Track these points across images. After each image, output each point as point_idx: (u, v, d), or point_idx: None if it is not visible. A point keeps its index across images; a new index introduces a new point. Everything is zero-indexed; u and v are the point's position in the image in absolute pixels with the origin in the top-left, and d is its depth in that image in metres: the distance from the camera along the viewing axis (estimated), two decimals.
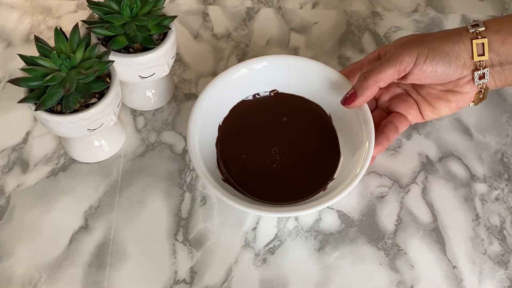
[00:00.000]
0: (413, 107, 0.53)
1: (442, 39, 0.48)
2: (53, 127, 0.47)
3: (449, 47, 0.47)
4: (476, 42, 0.47)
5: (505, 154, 0.57)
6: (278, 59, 0.55)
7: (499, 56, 0.47)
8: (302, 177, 0.52)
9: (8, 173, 0.54)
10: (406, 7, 0.71)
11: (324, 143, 0.54)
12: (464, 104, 0.51)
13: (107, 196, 0.53)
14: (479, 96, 0.50)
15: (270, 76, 0.55)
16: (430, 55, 0.47)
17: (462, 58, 0.47)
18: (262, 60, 0.55)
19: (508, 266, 0.50)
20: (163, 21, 0.51)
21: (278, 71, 0.55)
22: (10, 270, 0.48)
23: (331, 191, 0.48)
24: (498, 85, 0.49)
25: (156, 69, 0.52)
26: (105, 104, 0.47)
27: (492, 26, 0.47)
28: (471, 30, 0.47)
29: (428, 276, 0.49)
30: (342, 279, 0.49)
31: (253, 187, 0.51)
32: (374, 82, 0.48)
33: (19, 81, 0.45)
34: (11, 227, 0.50)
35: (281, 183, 0.52)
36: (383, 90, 0.54)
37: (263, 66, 0.55)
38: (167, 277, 0.48)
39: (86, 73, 0.45)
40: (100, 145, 0.54)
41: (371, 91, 0.49)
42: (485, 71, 0.47)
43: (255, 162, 0.53)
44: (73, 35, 0.47)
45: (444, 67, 0.47)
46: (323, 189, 0.50)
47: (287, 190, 0.51)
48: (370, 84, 0.48)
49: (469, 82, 0.49)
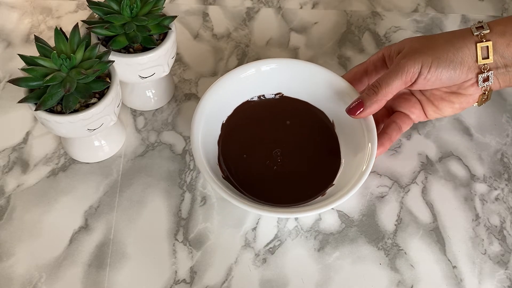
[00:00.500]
0: (416, 106, 0.53)
1: (445, 46, 0.47)
2: (53, 127, 0.47)
3: (453, 53, 0.47)
4: (481, 45, 0.46)
5: (505, 154, 0.57)
6: (286, 63, 0.55)
7: (504, 59, 0.47)
8: (302, 181, 0.52)
9: (8, 173, 0.54)
10: (406, 7, 0.71)
11: (326, 149, 0.54)
12: (467, 105, 0.51)
13: (107, 196, 0.53)
14: (482, 98, 0.50)
15: (277, 79, 0.56)
16: (434, 64, 0.46)
17: (466, 63, 0.47)
18: (271, 62, 0.55)
19: (508, 266, 0.50)
20: (163, 21, 0.51)
21: (285, 75, 0.55)
22: (10, 270, 0.48)
23: (333, 194, 0.48)
24: (502, 86, 0.49)
25: (156, 69, 0.52)
26: (105, 104, 0.47)
27: (497, 28, 0.47)
28: (475, 33, 0.47)
29: (428, 276, 0.49)
30: (342, 279, 0.49)
31: (253, 187, 0.51)
32: (383, 96, 0.48)
33: (19, 81, 0.45)
34: (11, 227, 0.50)
35: (280, 185, 0.52)
36: None
37: (270, 68, 0.55)
38: (167, 277, 0.48)
39: (86, 73, 0.45)
40: (100, 145, 0.54)
41: (379, 104, 0.49)
42: (489, 73, 0.47)
43: (256, 162, 0.53)
44: (73, 35, 0.47)
45: (448, 74, 0.47)
46: (321, 194, 0.51)
47: (286, 192, 0.51)
48: (379, 98, 0.48)
49: (473, 85, 0.49)
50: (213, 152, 0.52)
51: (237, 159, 0.53)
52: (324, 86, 0.54)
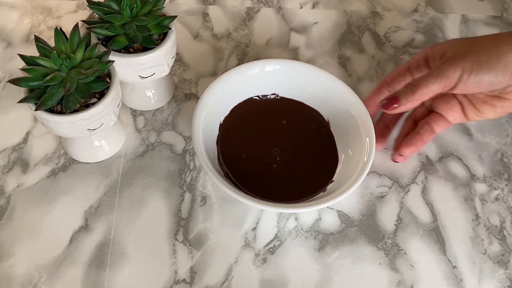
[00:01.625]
0: (455, 108, 0.53)
1: (489, 51, 0.46)
2: (53, 127, 0.47)
3: (496, 60, 0.46)
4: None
5: (505, 154, 0.57)
6: (289, 64, 0.56)
7: None
8: (302, 178, 0.52)
9: (8, 173, 0.54)
10: (406, 7, 0.71)
11: (323, 146, 0.55)
12: (510, 110, 0.50)
13: (107, 196, 0.53)
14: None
15: (274, 79, 0.56)
16: (475, 70, 0.46)
17: (509, 69, 0.46)
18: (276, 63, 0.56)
19: (508, 266, 0.50)
20: (163, 21, 0.51)
21: (284, 76, 0.56)
22: (10, 270, 0.48)
23: (334, 190, 0.48)
24: None
25: (156, 69, 0.52)
26: (105, 104, 0.47)
27: None
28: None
29: (428, 276, 0.49)
30: (342, 279, 0.49)
31: (253, 185, 0.51)
32: (419, 96, 0.48)
33: (19, 81, 0.45)
34: (11, 227, 0.50)
35: (281, 183, 0.52)
36: None
37: (274, 69, 0.56)
38: (167, 277, 0.48)
39: (86, 73, 0.45)
40: (100, 145, 0.54)
41: (414, 104, 0.49)
42: None
43: (255, 161, 0.53)
44: (73, 35, 0.47)
45: (489, 80, 0.46)
46: (322, 191, 0.51)
47: (287, 190, 0.51)
48: (416, 98, 0.48)
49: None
50: (213, 152, 0.52)
51: (236, 159, 0.53)
52: (320, 86, 0.55)
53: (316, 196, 0.50)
